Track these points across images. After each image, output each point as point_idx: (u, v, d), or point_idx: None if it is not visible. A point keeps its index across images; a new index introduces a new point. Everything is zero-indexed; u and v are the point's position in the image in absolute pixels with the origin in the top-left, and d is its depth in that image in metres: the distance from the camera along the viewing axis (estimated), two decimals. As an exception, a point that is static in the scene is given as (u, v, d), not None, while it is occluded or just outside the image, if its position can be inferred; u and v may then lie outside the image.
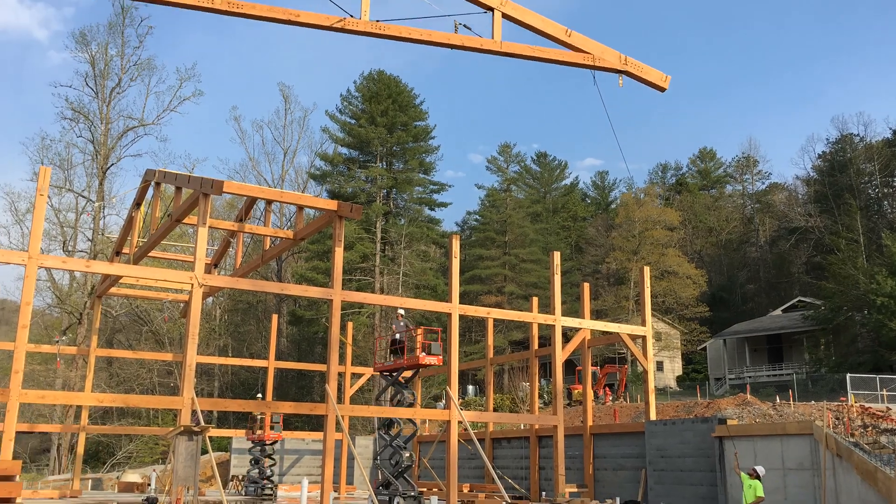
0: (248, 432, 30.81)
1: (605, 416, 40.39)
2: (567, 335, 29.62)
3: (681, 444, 23.30)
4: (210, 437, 28.31)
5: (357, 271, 61.12)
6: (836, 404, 30.56)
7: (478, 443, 25.28)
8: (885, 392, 37.89)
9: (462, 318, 24.84)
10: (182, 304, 37.46)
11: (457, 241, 24.90)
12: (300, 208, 25.24)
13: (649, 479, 24.25)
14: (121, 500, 26.94)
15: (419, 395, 35.39)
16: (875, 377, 38.97)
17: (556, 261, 27.21)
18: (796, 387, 42.42)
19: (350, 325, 39.75)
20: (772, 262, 78.78)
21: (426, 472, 33.80)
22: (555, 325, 26.57)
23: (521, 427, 32.65)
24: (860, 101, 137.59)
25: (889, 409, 31.41)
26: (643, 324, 28.52)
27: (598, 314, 60.04)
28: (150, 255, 28.69)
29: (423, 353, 23.14)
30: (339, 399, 35.20)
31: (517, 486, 29.43)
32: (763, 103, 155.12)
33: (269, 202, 26.39)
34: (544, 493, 28.19)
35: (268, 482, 29.21)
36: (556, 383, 26.83)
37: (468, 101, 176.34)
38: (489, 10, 14.70)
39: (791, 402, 32.25)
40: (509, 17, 15.26)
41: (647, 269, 29.59)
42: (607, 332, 29.03)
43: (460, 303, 24.48)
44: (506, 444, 32.11)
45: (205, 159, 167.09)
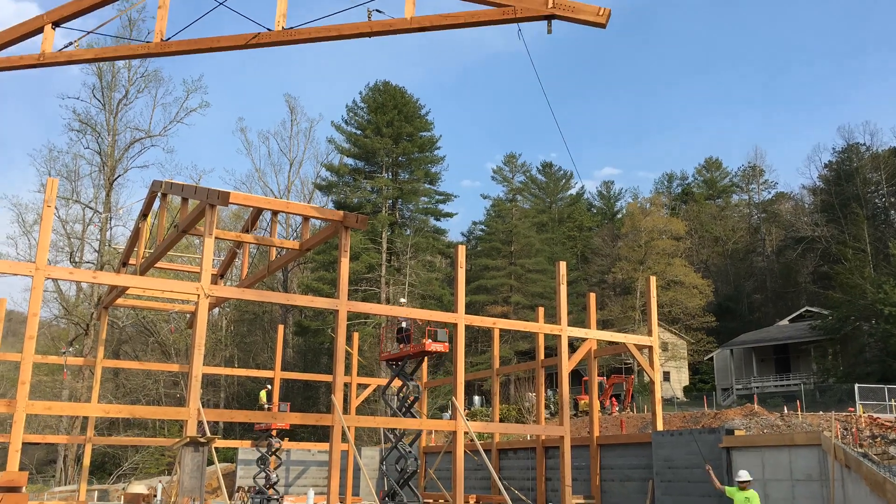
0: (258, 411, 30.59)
1: (611, 427, 40.17)
2: (573, 345, 29.54)
3: (688, 454, 23.15)
4: (216, 448, 28.31)
5: (363, 282, 61.18)
6: (844, 415, 30.30)
7: (484, 454, 25.22)
8: (893, 402, 37.62)
9: (468, 328, 24.80)
10: (188, 315, 37.57)
11: (463, 251, 24.91)
12: (306, 219, 25.32)
13: (657, 490, 24.10)
14: (127, 511, 26.90)
15: (424, 408, 35.35)
16: (883, 387, 38.71)
17: (562, 271, 27.21)
18: (804, 397, 42.14)
19: (356, 335, 39.79)
20: (778, 272, 78.47)
21: (432, 483, 33.66)
22: (561, 336, 26.53)
23: (528, 438, 32.53)
24: (866, 110, 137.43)
25: (898, 419, 31.17)
26: (649, 334, 28.44)
27: (604, 324, 59.92)
28: (156, 266, 28.80)
29: (430, 340, 23.14)
30: (345, 410, 35.15)
31: (524, 498, 29.28)
32: (769, 112, 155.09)
33: (275, 213, 26.48)
34: (551, 505, 28.08)
35: (273, 491, 29.17)
36: (563, 394, 26.78)
37: (488, 111, 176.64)
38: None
39: (799, 413, 32.01)
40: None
41: (653, 279, 29.58)
42: (613, 343, 28.99)
43: (466, 313, 24.47)
44: (512, 455, 32.00)
45: (211, 170, 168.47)
